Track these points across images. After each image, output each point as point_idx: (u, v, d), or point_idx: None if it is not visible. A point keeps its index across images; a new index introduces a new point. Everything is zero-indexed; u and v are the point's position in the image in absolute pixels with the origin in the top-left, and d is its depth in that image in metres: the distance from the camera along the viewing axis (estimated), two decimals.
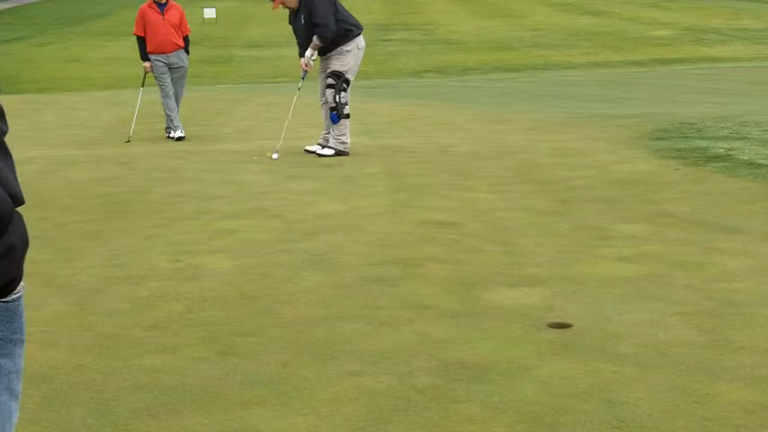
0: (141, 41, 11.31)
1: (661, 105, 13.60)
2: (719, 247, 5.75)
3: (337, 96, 9.69)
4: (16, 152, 1.78)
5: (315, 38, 9.65)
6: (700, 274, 5.18)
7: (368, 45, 9.87)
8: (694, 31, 31.53)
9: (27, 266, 1.74)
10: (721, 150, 9.07)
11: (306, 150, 9.85)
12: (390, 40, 30.73)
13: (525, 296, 4.84)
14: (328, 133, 9.81)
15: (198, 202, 7.42)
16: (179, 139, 11.19)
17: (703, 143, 9.53)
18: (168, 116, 11.36)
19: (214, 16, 37.02)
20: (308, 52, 9.84)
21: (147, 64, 11.33)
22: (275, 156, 9.49)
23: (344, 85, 9.72)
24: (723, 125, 10.67)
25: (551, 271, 5.28)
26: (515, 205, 7.13)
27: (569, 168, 8.59)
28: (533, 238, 6.10)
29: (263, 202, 7.34)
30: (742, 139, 9.69)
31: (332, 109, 9.71)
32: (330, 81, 9.73)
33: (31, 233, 1.71)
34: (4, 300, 1.66)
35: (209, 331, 4.38)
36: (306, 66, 9.94)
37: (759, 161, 8.48)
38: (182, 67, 11.40)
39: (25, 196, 1.72)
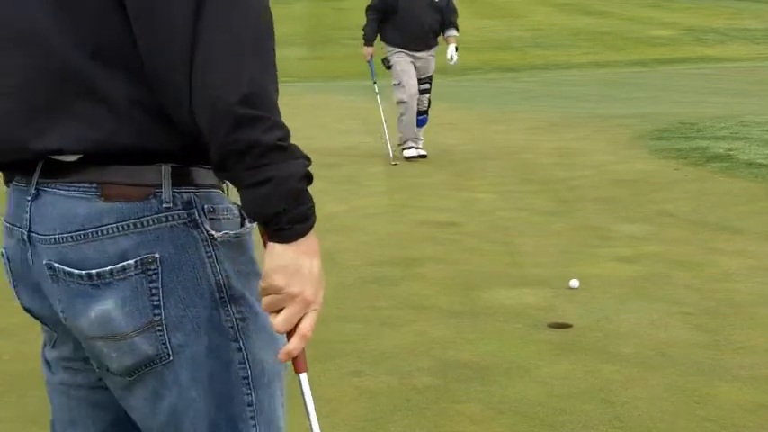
0: None
1: (661, 105, 13.61)
2: (719, 247, 5.75)
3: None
4: None
5: (454, 31, 9.34)
6: (700, 274, 5.18)
7: None
8: (694, 31, 31.54)
9: None
10: (721, 150, 9.08)
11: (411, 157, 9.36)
12: None
13: (525, 296, 4.84)
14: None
15: None
16: None
17: (703, 143, 9.53)
18: None
19: None
20: (453, 49, 9.40)
21: None
22: (394, 163, 9.17)
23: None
24: (723, 125, 10.68)
25: (551, 271, 5.28)
26: (515, 205, 7.13)
27: (569, 168, 8.60)
28: (533, 238, 6.10)
29: None
30: (742, 139, 9.70)
31: (422, 112, 9.29)
32: (428, 86, 9.26)
33: None
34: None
35: None
36: (452, 61, 9.48)
37: (759, 161, 8.49)
38: None
39: None
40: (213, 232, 1.54)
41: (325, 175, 8.59)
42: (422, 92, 9.21)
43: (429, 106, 9.33)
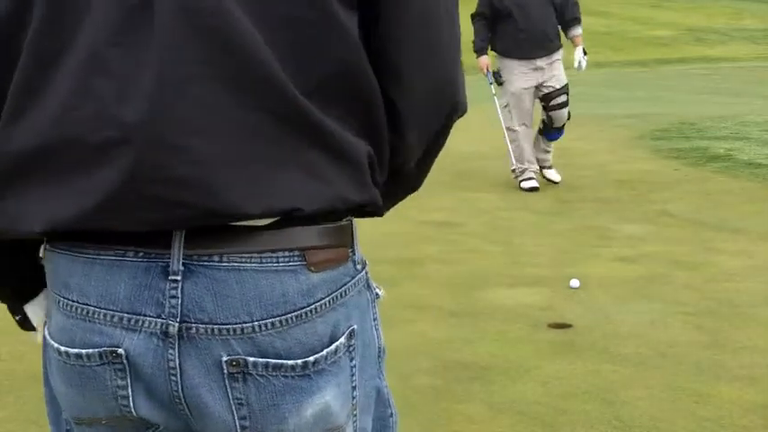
0: None
1: (661, 105, 13.60)
2: (719, 247, 5.75)
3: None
4: None
5: (579, 28, 7.77)
6: (700, 274, 5.18)
7: None
8: (694, 31, 31.54)
9: None
10: (721, 150, 9.09)
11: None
12: None
13: (525, 296, 4.84)
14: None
15: None
16: None
17: (703, 143, 9.54)
18: None
19: None
20: (581, 53, 7.88)
21: None
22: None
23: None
24: (723, 125, 10.69)
25: (551, 271, 5.28)
26: (515, 205, 7.13)
27: (569, 168, 8.59)
28: (533, 238, 6.10)
29: None
30: (742, 139, 9.70)
31: (560, 128, 7.77)
32: (564, 98, 7.60)
33: None
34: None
35: None
36: (579, 66, 7.93)
37: (759, 161, 8.50)
38: None
39: None
40: (378, 291, 1.38)
41: None
42: (559, 105, 7.59)
43: (568, 118, 7.76)
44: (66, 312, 1.22)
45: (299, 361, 1.21)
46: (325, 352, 1.23)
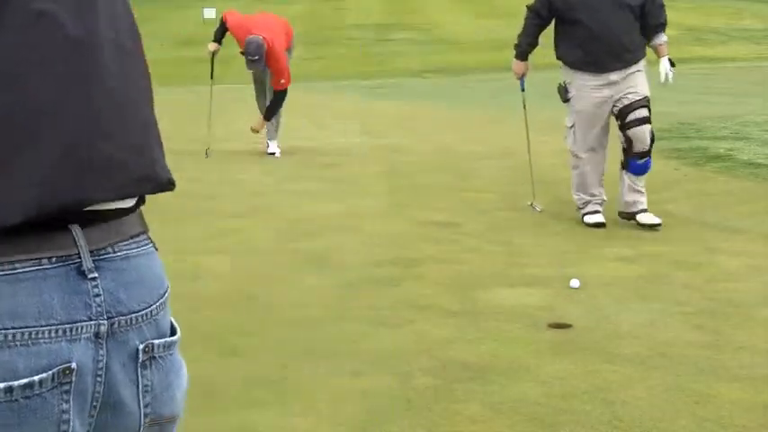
0: (223, 28, 9.53)
1: (661, 105, 13.60)
2: (719, 247, 5.75)
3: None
4: None
5: (664, 36, 6.51)
6: (700, 274, 5.18)
7: (367, 45, 9.74)
8: (694, 31, 31.54)
9: None
10: (721, 150, 9.10)
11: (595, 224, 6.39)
12: (390, 39, 30.74)
13: (525, 296, 4.84)
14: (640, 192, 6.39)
15: (198, 201, 7.42)
16: (270, 154, 9.80)
17: (703, 143, 9.55)
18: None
19: (214, 16, 36.96)
20: (667, 64, 6.58)
21: (213, 45, 9.60)
22: (538, 208, 6.91)
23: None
24: (723, 125, 10.70)
25: (551, 271, 5.28)
26: (515, 205, 7.12)
27: (569, 168, 8.58)
28: (533, 238, 6.10)
29: (263, 202, 7.34)
30: (742, 139, 9.71)
31: (644, 154, 6.29)
32: (645, 112, 6.27)
33: None
34: None
35: (209, 331, 4.38)
36: (666, 79, 6.54)
37: (759, 161, 8.51)
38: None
39: None
40: None
41: (324, 175, 8.59)
42: (639, 121, 6.25)
43: (652, 142, 6.34)
44: None
45: (177, 336, 1.27)
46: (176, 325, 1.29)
